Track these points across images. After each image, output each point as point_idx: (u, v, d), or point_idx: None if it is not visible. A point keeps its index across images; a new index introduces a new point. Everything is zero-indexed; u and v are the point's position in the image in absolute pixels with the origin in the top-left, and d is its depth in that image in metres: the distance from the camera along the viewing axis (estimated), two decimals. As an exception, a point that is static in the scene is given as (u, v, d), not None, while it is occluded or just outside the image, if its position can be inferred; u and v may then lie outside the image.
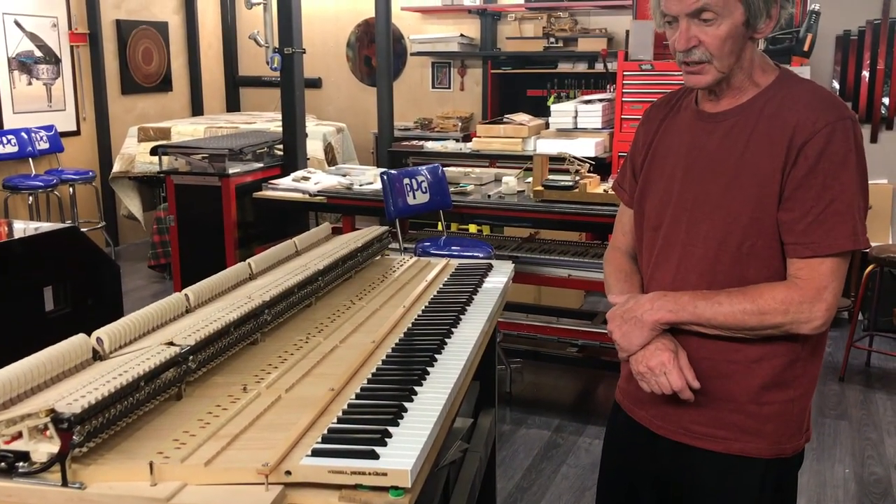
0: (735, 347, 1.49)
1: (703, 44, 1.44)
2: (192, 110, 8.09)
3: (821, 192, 1.40)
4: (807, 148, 1.41)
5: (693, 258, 1.52)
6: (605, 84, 6.29)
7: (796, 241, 1.43)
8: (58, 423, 1.12)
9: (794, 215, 1.42)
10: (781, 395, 1.51)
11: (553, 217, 3.87)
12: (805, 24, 4.58)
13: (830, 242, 1.41)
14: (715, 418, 1.53)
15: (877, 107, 5.41)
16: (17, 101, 6.39)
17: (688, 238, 1.52)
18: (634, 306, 1.51)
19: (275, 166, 5.04)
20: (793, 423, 1.53)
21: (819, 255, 1.41)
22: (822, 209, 1.40)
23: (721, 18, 1.42)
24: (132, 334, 1.50)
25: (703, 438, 1.54)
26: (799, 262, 1.43)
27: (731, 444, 1.53)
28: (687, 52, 1.46)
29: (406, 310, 1.93)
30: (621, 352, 1.53)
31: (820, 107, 1.43)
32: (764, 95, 1.49)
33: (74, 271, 3.21)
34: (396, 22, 7.05)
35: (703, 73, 1.47)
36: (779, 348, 1.48)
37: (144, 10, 7.52)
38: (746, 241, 1.46)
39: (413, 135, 6.91)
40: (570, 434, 3.73)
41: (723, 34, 1.43)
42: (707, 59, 1.45)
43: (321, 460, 1.17)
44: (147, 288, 6.08)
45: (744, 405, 1.51)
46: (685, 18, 1.43)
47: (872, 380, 4.43)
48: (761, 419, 1.51)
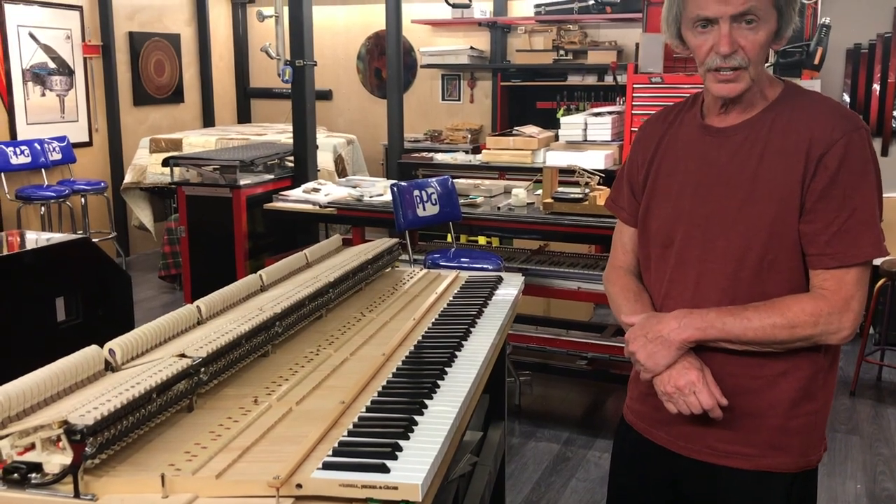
0: (759, 363, 1.48)
1: (743, 49, 1.41)
2: (203, 121, 8.14)
3: (843, 202, 1.40)
4: (826, 159, 1.40)
5: (712, 275, 1.50)
6: (614, 97, 6.30)
7: (821, 253, 1.42)
8: (70, 435, 1.13)
9: (817, 226, 1.42)
10: (807, 407, 1.50)
11: (562, 229, 3.87)
12: (816, 37, 4.58)
13: (856, 252, 1.40)
14: (742, 435, 1.51)
15: (888, 120, 5.40)
16: (30, 112, 6.44)
17: (704, 255, 1.50)
18: (659, 326, 1.48)
19: (285, 178, 5.06)
20: (816, 434, 1.53)
21: (845, 265, 1.40)
22: (845, 219, 1.40)
23: (761, 23, 1.40)
24: (144, 346, 1.51)
25: (730, 456, 1.52)
26: (824, 273, 1.42)
27: (759, 461, 1.51)
28: (727, 58, 1.41)
29: (416, 322, 1.93)
30: (645, 372, 1.49)
31: (834, 118, 1.43)
32: (773, 109, 1.48)
33: (86, 282, 3.23)
34: (407, 34, 7.08)
35: (738, 80, 1.44)
36: (802, 361, 1.48)
37: (157, 23, 7.58)
38: (767, 255, 1.45)
39: (423, 146, 6.93)
40: (579, 447, 3.71)
41: (762, 40, 1.41)
42: (745, 65, 1.42)
43: (332, 473, 1.17)
44: (157, 298, 6.10)
45: (771, 420, 1.50)
46: (727, 21, 1.40)
47: (884, 394, 4.40)
48: (789, 433, 1.50)
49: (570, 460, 3.60)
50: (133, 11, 7.33)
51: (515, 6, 7.32)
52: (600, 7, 6.47)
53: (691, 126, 1.58)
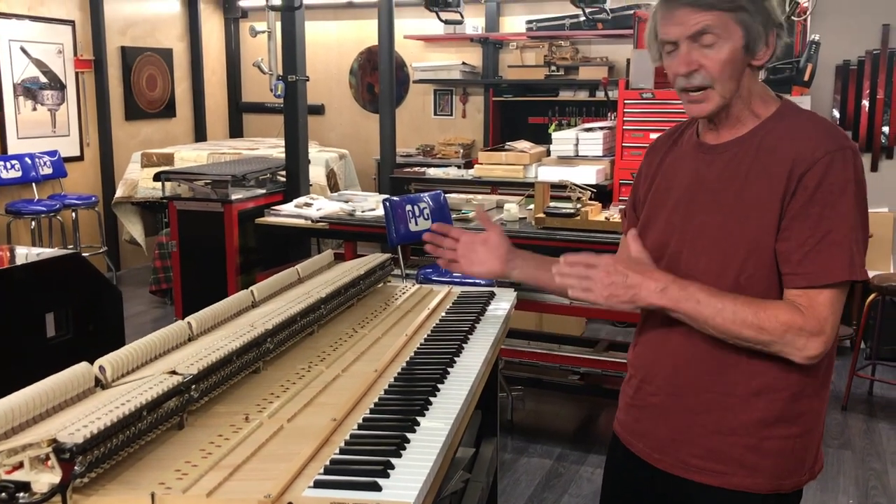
0: (734, 381, 1.48)
1: (705, 68, 1.43)
2: (195, 136, 8.13)
3: (818, 222, 1.39)
4: (806, 178, 1.40)
5: None
6: (605, 112, 6.33)
7: (793, 272, 1.42)
8: (59, 454, 1.11)
9: (790, 245, 1.41)
10: (783, 430, 1.49)
11: (554, 244, 3.87)
12: (805, 54, 4.62)
13: (826, 273, 1.39)
14: (713, 452, 1.51)
15: (877, 136, 5.43)
16: (21, 126, 6.43)
17: (689, 270, 1.50)
18: (639, 280, 1.44)
19: (277, 192, 5.06)
20: (793, 460, 1.52)
21: (815, 285, 1.40)
22: (818, 240, 1.39)
23: (721, 41, 1.42)
24: (135, 363, 1.50)
25: (700, 472, 1.52)
26: (795, 291, 1.42)
27: (728, 479, 1.51)
28: (688, 77, 1.45)
29: (408, 338, 1.92)
30: (583, 293, 1.45)
31: (819, 137, 1.43)
32: (763, 127, 1.49)
33: (76, 297, 3.21)
34: (399, 50, 7.10)
35: (706, 100, 1.46)
36: (781, 382, 1.47)
37: (149, 37, 7.59)
38: (743, 273, 1.45)
39: (415, 161, 6.94)
40: (571, 463, 3.70)
41: (724, 57, 1.43)
42: (709, 83, 1.44)
43: (324, 492, 1.17)
44: (148, 313, 6.07)
45: (742, 439, 1.49)
46: (686, 42, 1.43)
47: (875, 409, 4.40)
48: (760, 454, 1.49)
49: (562, 476, 3.58)
50: (125, 26, 7.33)
51: (507, 22, 7.36)
52: (591, 23, 6.49)
53: (689, 143, 1.60)
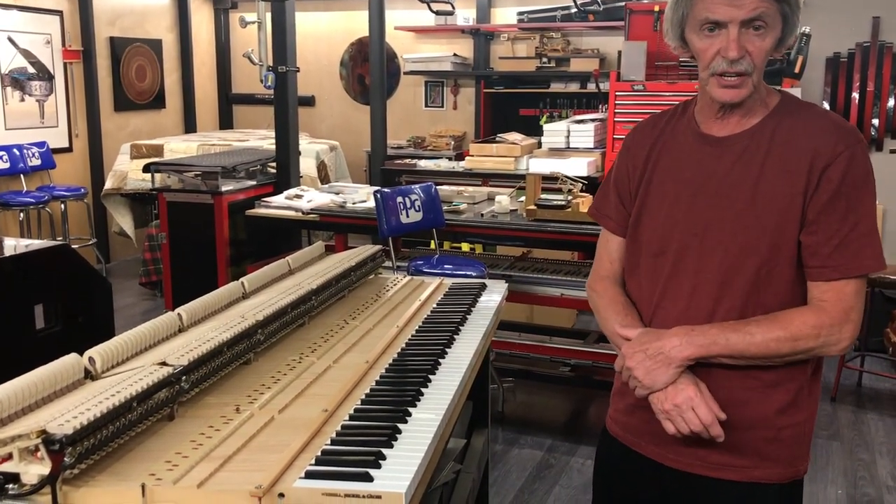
0: (752, 374, 1.47)
1: (751, 55, 1.40)
2: (185, 127, 8.09)
3: (846, 214, 1.41)
4: (829, 172, 1.41)
5: (707, 285, 1.48)
6: (597, 104, 6.33)
7: (823, 265, 1.42)
8: (49, 445, 1.11)
9: (819, 238, 1.42)
10: (796, 416, 1.50)
11: (546, 236, 3.88)
12: (796, 46, 4.63)
13: (858, 264, 1.41)
14: (732, 446, 1.48)
15: (867, 128, 5.45)
16: (9, 117, 6.38)
17: (700, 265, 1.48)
18: (660, 342, 1.45)
19: (268, 184, 5.04)
20: (804, 444, 1.54)
21: (847, 276, 1.41)
22: (847, 232, 1.41)
23: (768, 30, 1.40)
24: (125, 354, 1.49)
25: (720, 468, 1.51)
26: (825, 285, 1.42)
27: (749, 472, 1.50)
28: (735, 63, 1.40)
29: (400, 329, 1.92)
30: (642, 389, 1.46)
31: (837, 132, 1.43)
32: (772, 119, 1.48)
33: (65, 289, 3.19)
34: (390, 41, 7.08)
35: (742, 86, 1.43)
36: (794, 372, 1.48)
37: (138, 28, 7.53)
38: (764, 266, 1.44)
39: (406, 153, 6.93)
40: (562, 454, 3.71)
41: (768, 46, 1.41)
42: (750, 71, 1.42)
43: (315, 482, 1.17)
44: (138, 305, 6.05)
45: (761, 431, 1.49)
46: (736, 26, 1.39)
47: (864, 400, 4.43)
48: (778, 444, 1.50)
49: (553, 467, 3.60)
50: (114, 17, 7.28)
51: (498, 13, 7.34)
52: (583, 15, 6.50)
53: (686, 134, 1.56)
